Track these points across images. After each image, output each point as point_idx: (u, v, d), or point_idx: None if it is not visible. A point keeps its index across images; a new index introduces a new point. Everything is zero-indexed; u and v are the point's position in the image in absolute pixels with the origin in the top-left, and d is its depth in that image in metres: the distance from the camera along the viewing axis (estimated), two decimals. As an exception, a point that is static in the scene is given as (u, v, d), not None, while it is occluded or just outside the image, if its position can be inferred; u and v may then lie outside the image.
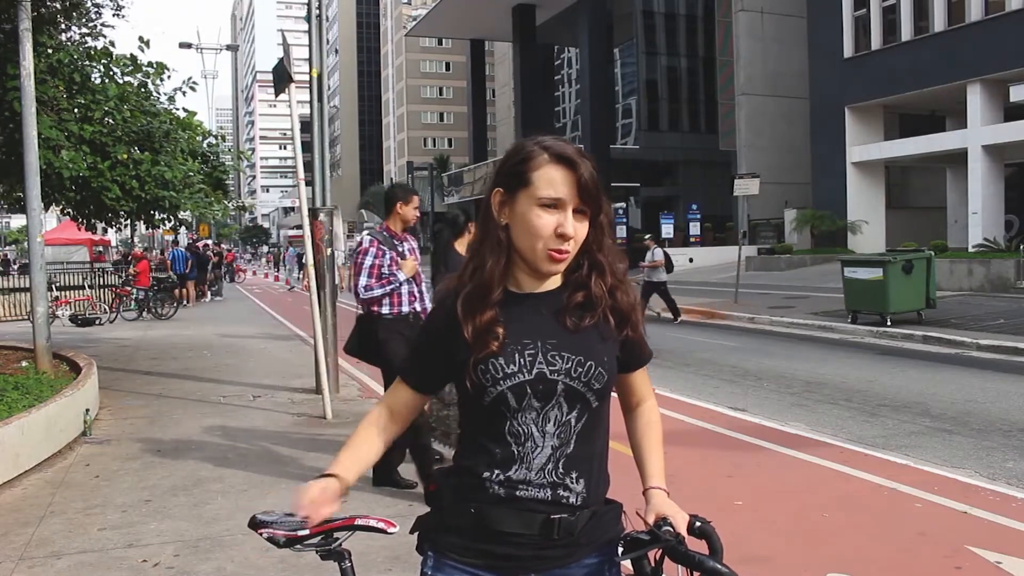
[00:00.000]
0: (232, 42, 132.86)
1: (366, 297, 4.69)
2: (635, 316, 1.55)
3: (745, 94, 32.62)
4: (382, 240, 4.77)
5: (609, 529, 1.53)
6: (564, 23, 41.29)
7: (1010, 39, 21.49)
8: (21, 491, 5.02)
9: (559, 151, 1.45)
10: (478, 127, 51.26)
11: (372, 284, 4.68)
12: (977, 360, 9.70)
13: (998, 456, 5.52)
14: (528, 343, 1.47)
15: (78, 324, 15.99)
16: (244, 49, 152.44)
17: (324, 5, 8.67)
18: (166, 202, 9.26)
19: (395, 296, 4.72)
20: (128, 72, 9.30)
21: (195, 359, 10.91)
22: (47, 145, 8.02)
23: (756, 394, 7.95)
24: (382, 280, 4.68)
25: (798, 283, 21.15)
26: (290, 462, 5.58)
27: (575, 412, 1.47)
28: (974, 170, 22.96)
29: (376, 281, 4.68)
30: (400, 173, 76.84)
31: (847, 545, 3.89)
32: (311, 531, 1.71)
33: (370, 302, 4.71)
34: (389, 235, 4.82)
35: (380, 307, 4.71)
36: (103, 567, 3.76)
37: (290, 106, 7.02)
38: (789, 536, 4.07)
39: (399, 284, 4.69)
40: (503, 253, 1.49)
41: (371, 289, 4.68)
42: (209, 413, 7.28)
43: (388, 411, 1.63)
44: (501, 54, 60.24)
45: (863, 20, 26.45)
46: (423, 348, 1.58)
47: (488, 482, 1.47)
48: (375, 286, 4.67)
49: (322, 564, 1.76)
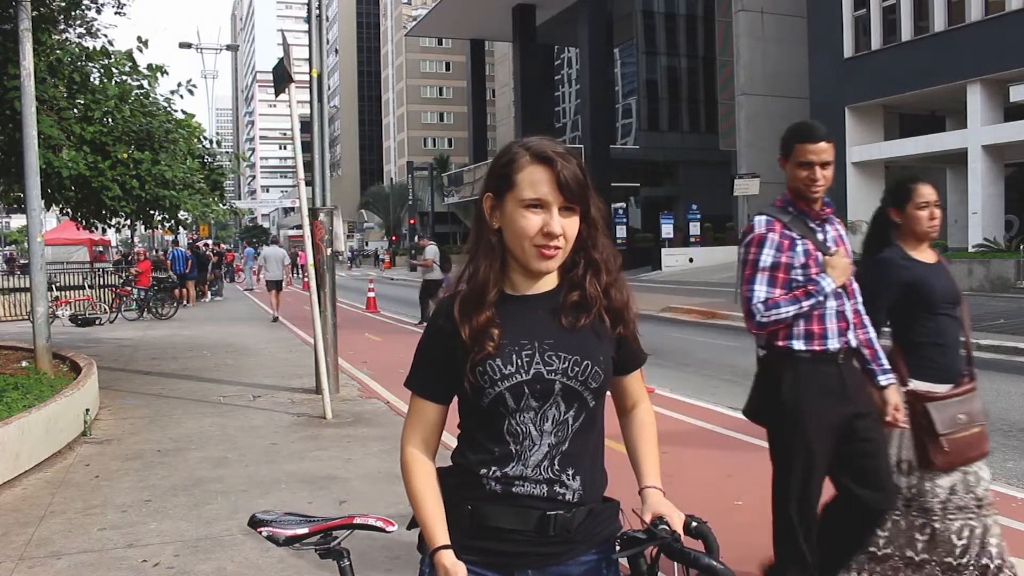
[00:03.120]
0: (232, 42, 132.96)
1: (767, 320, 2.71)
2: (628, 314, 1.55)
3: (745, 94, 32.61)
4: (789, 221, 2.78)
5: (606, 526, 1.54)
6: (564, 23, 41.30)
7: (1010, 39, 21.49)
8: (21, 491, 5.02)
9: (538, 150, 1.46)
10: (478, 127, 51.29)
11: (777, 297, 2.72)
12: (977, 360, 9.67)
13: (998, 456, 5.52)
14: (525, 343, 1.48)
15: (78, 324, 15.99)
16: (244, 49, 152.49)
17: (324, 5, 8.67)
18: (167, 202, 9.26)
19: (814, 318, 2.73)
20: (126, 73, 9.30)
21: (195, 359, 10.91)
22: (47, 144, 8.02)
23: (756, 394, 7.94)
24: (793, 291, 2.72)
25: (798, 283, 21.11)
26: (290, 462, 5.58)
27: (572, 411, 1.48)
28: (974, 170, 22.97)
29: (782, 292, 2.73)
30: (400, 173, 76.90)
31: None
32: (310, 530, 1.72)
33: (773, 328, 2.74)
34: (800, 212, 2.80)
35: (788, 339, 2.74)
36: (103, 567, 3.76)
37: (290, 106, 7.02)
38: (789, 536, 4.06)
39: (822, 298, 2.70)
40: (496, 256, 1.50)
41: (776, 307, 2.69)
42: (209, 413, 7.28)
43: (423, 445, 1.55)
44: (501, 54, 60.26)
45: (863, 20, 26.45)
46: (430, 357, 1.55)
47: (485, 479, 1.48)
48: (782, 300, 2.70)
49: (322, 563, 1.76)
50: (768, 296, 2.71)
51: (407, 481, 1.53)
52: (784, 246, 2.72)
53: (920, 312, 3.01)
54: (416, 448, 1.55)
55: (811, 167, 2.72)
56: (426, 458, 1.55)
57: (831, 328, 2.73)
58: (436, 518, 1.48)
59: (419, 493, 1.51)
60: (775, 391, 2.76)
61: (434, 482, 1.52)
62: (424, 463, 1.54)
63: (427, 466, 1.54)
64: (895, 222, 3.11)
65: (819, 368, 2.72)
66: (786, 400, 2.71)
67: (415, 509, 1.50)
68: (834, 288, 2.70)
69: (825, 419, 2.69)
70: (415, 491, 1.51)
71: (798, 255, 2.71)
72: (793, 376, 2.72)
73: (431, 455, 1.56)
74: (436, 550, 1.44)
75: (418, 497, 1.50)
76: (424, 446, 1.55)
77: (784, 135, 2.87)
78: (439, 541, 1.45)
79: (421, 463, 1.54)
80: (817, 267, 2.71)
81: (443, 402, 1.55)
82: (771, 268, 2.72)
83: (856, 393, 2.76)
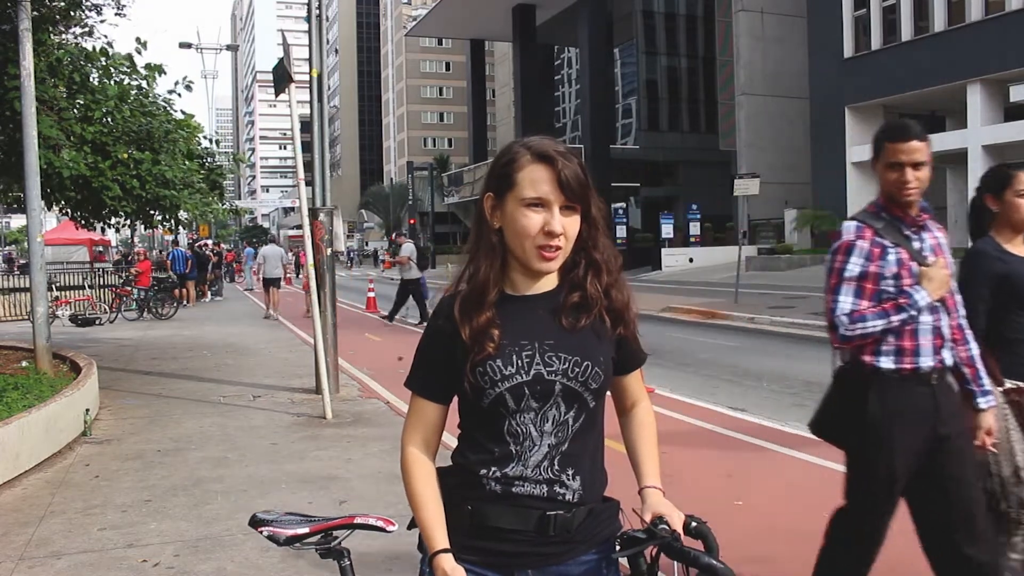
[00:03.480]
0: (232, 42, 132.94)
1: (851, 334, 2.48)
2: (629, 315, 1.55)
3: (745, 94, 32.63)
4: (882, 227, 2.54)
5: (606, 526, 1.54)
6: (564, 23, 41.32)
7: (1010, 39, 21.51)
8: (21, 491, 5.02)
9: (538, 149, 1.46)
10: (478, 127, 51.30)
11: (864, 309, 2.49)
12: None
13: (998, 456, 5.52)
14: (526, 344, 1.47)
15: (78, 324, 15.99)
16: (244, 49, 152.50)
17: (324, 5, 8.67)
18: (167, 201, 9.26)
19: (906, 334, 2.48)
20: (124, 72, 9.30)
21: (195, 359, 10.91)
22: (47, 145, 8.03)
23: (756, 394, 7.95)
24: (883, 304, 2.48)
25: (798, 283, 21.13)
26: (290, 462, 5.58)
27: (572, 411, 1.48)
28: (974, 170, 22.97)
29: (870, 304, 2.50)
30: (400, 173, 76.93)
31: (847, 545, 3.88)
32: (311, 530, 1.72)
33: (859, 342, 2.50)
34: (894, 217, 2.55)
35: (875, 355, 2.50)
36: (103, 567, 3.76)
37: (290, 106, 7.02)
38: (789, 536, 4.06)
39: (915, 312, 2.46)
40: (497, 256, 1.50)
41: (862, 320, 2.47)
42: (209, 413, 7.28)
43: (424, 445, 1.55)
44: (501, 54, 60.28)
45: (863, 20, 26.47)
46: (430, 357, 1.55)
47: (485, 479, 1.48)
48: (869, 313, 2.47)
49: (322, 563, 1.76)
50: (854, 308, 2.48)
51: (407, 483, 1.53)
52: (874, 255, 2.50)
53: (1014, 307, 2.84)
54: (416, 448, 1.54)
55: (902, 168, 2.47)
56: (426, 458, 1.54)
57: (925, 345, 2.48)
58: (436, 521, 1.47)
59: (419, 496, 1.50)
60: (858, 409, 2.52)
61: (434, 484, 1.52)
62: (424, 464, 1.54)
63: (427, 467, 1.54)
64: (991, 210, 2.91)
65: (909, 388, 2.48)
66: (871, 419, 2.49)
67: (415, 512, 1.50)
68: (929, 302, 2.45)
69: (911, 443, 2.47)
70: (415, 493, 1.51)
71: (889, 264, 2.48)
72: (879, 395, 2.48)
73: (431, 455, 1.56)
74: (435, 554, 1.44)
75: (418, 500, 1.50)
76: (424, 446, 1.55)
77: (875, 134, 2.64)
78: (438, 545, 1.45)
79: (421, 464, 1.53)
80: (911, 278, 2.47)
81: (443, 402, 1.55)
82: (858, 278, 2.50)
83: (950, 416, 2.50)
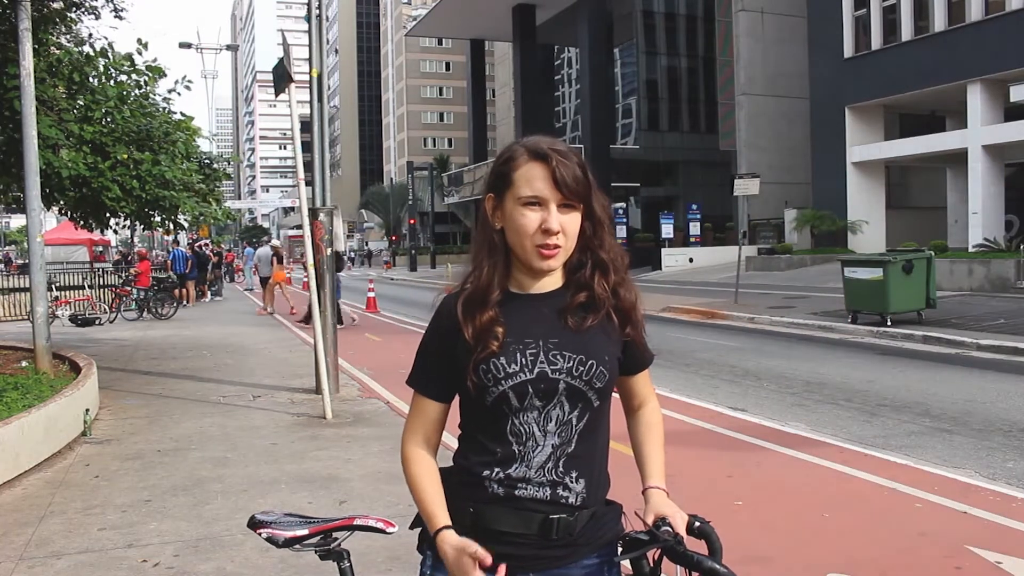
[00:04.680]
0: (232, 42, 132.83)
1: None
2: (636, 315, 1.55)
3: (745, 94, 32.60)
4: None
5: (609, 530, 1.53)
6: (564, 23, 41.31)
7: (1010, 39, 21.49)
8: (21, 491, 5.02)
9: (534, 147, 1.46)
10: (478, 127, 51.29)
11: None
12: (977, 360, 9.69)
13: (998, 456, 5.52)
14: (530, 342, 1.47)
15: (78, 324, 15.98)
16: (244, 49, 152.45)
17: (324, 5, 8.67)
18: (166, 202, 9.26)
19: None
20: (125, 72, 9.30)
21: (195, 359, 10.91)
22: (47, 145, 8.02)
23: (756, 394, 7.95)
24: None
25: (798, 283, 21.14)
26: (290, 462, 5.58)
27: (576, 411, 1.48)
28: (974, 170, 22.97)
29: None
30: (400, 173, 76.88)
31: (847, 545, 3.89)
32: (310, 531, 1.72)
33: None
34: None
35: None
36: (103, 567, 3.76)
37: (290, 106, 7.02)
38: (789, 536, 4.07)
39: None
40: (499, 256, 1.50)
41: None
42: (209, 413, 7.28)
43: (425, 443, 1.55)
44: (501, 54, 60.24)
45: (863, 20, 26.45)
46: (432, 355, 1.55)
47: (487, 481, 1.47)
48: None
49: (322, 564, 1.76)
50: None
51: (407, 470, 1.53)
52: None
53: None
54: (417, 446, 1.55)
55: None
56: (427, 454, 1.55)
57: None
58: (436, 501, 1.47)
59: (418, 479, 1.50)
60: None
61: (435, 473, 1.52)
62: (425, 457, 1.54)
63: (428, 459, 1.54)
64: None
65: None
66: None
67: (414, 494, 1.50)
68: None
69: None
70: (414, 477, 1.51)
71: None
72: None
73: (432, 452, 1.56)
74: (438, 532, 1.42)
75: (417, 483, 1.50)
76: (425, 443, 1.55)
77: None
78: (441, 522, 1.43)
79: (422, 456, 1.54)
80: None
81: (445, 400, 1.55)
82: None
83: None
